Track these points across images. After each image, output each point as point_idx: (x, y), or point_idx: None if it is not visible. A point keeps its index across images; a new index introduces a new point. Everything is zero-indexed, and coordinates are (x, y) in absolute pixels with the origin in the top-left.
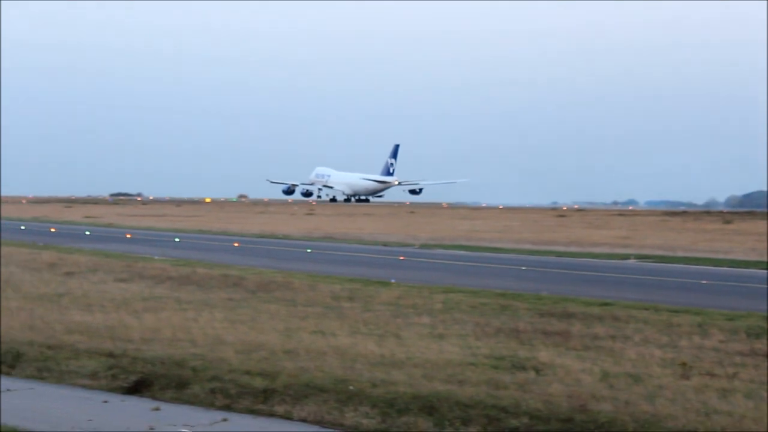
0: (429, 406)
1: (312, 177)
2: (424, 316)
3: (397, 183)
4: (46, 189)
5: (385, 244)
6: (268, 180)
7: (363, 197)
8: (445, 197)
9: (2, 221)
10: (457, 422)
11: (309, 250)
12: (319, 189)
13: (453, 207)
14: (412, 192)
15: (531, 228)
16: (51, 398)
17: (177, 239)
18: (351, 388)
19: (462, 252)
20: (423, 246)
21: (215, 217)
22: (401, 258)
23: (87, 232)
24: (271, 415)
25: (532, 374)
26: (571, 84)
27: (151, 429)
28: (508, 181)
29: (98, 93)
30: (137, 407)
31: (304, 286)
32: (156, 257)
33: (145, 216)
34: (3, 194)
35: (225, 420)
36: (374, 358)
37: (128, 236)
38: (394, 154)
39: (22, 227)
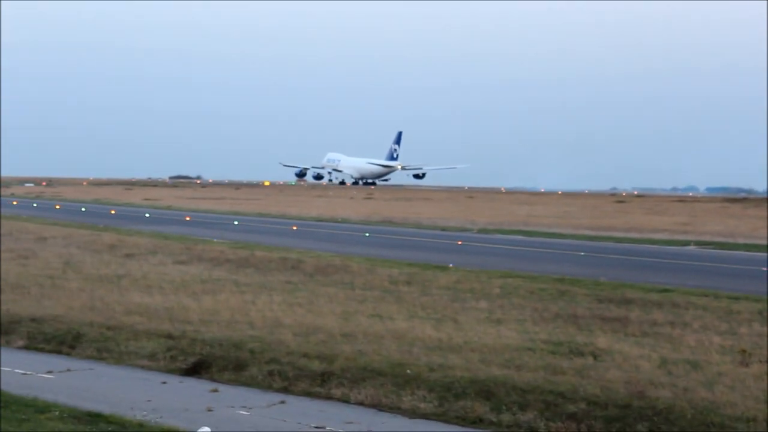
0: (486, 391)
1: (324, 162)
2: (481, 301)
3: (400, 167)
4: (106, 171)
5: (443, 229)
6: (280, 163)
7: (370, 180)
8: (504, 182)
9: (40, 201)
10: (514, 407)
11: (367, 234)
12: (329, 173)
13: (511, 192)
14: (416, 176)
15: (590, 214)
16: (110, 378)
17: (236, 222)
18: (408, 371)
19: (520, 237)
20: (481, 231)
21: (274, 201)
22: (459, 243)
23: (147, 215)
24: (329, 398)
25: (590, 360)
26: (631, 73)
27: (210, 410)
28: (566, 166)
29: (160, 74)
30: (195, 388)
31: (363, 269)
32: (215, 240)
33: (204, 199)
34: (64, 176)
35: (283, 402)
36: (432, 342)
37: (187, 219)
38: (398, 141)
39: (83, 209)
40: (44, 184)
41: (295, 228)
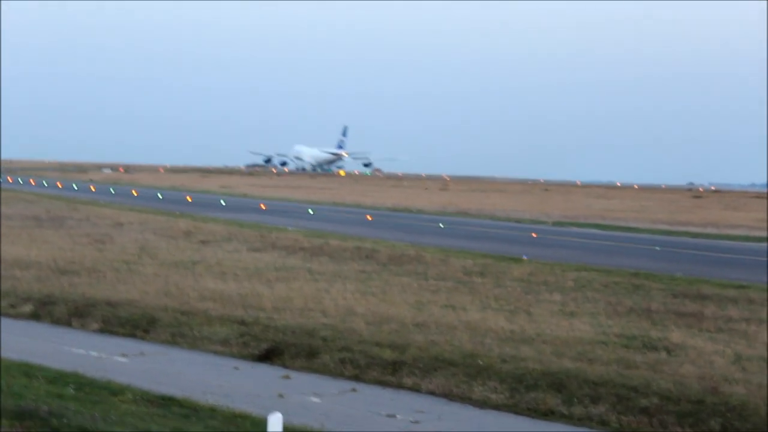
0: (558, 383)
1: (292, 151)
2: (555, 294)
3: (346, 155)
4: (182, 158)
5: (518, 221)
6: (249, 151)
7: (326, 167)
8: (579, 175)
9: (117, 187)
10: (586, 400)
11: (442, 225)
12: (291, 160)
13: (587, 186)
14: (365, 165)
15: (666, 208)
16: (183, 363)
17: (310, 211)
18: (480, 362)
19: (595, 231)
20: (556, 224)
21: (349, 190)
22: (534, 235)
23: (222, 202)
24: (400, 387)
25: (663, 355)
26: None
27: (281, 396)
28: (642, 159)
29: (234, 61)
30: (267, 375)
31: (436, 260)
32: (289, 228)
33: (279, 187)
34: (142, 162)
35: (354, 390)
36: (504, 333)
37: (262, 207)
38: (344, 134)
39: (159, 195)
40: (121, 170)
41: (369, 218)
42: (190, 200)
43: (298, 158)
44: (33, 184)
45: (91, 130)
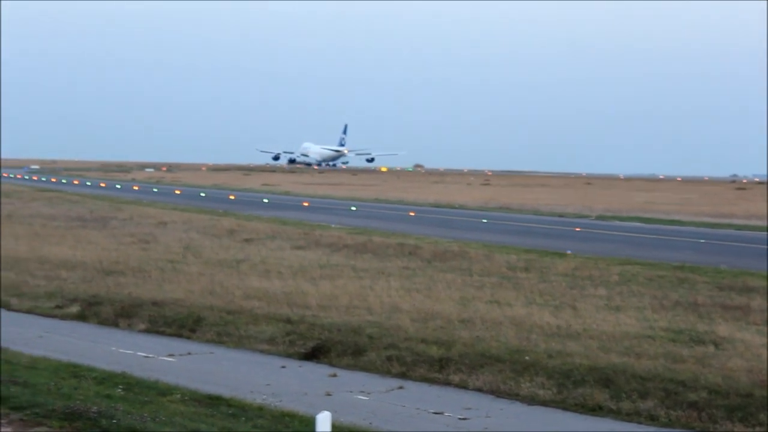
0: (605, 378)
1: (300, 149)
2: (600, 288)
3: (347, 152)
4: (224, 157)
5: (561, 215)
6: (258, 149)
7: (332, 163)
8: (622, 169)
9: (160, 187)
10: (634, 395)
11: (485, 220)
12: (299, 157)
13: (629, 179)
14: (368, 161)
15: (710, 201)
16: (230, 362)
17: (353, 208)
18: (527, 358)
19: (639, 224)
20: (599, 217)
21: (391, 186)
22: (577, 229)
23: (265, 200)
24: (447, 383)
25: (710, 348)
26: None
27: (328, 395)
28: (685, 151)
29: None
30: (314, 373)
31: (480, 255)
32: (333, 225)
33: (321, 184)
34: (184, 161)
35: (401, 388)
36: (550, 328)
37: (305, 204)
38: (345, 131)
39: (202, 194)
40: (164, 169)
41: (412, 214)
42: (233, 198)
43: (304, 155)
44: (76, 184)
45: (130, 130)
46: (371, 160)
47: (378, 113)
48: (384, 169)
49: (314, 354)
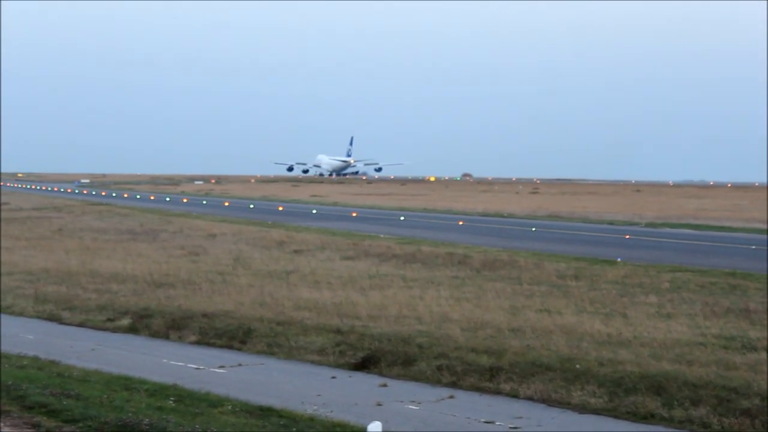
0: (657, 386)
1: (315, 160)
2: (651, 295)
3: (353, 162)
4: (271, 168)
5: (610, 223)
6: (274, 162)
7: (342, 173)
8: (672, 175)
9: (209, 199)
10: (686, 402)
11: (534, 229)
12: (312, 168)
13: (679, 185)
14: (376, 170)
15: (761, 206)
16: (281, 373)
17: (402, 218)
18: (577, 366)
19: (689, 231)
20: (649, 224)
21: (439, 196)
22: (627, 237)
23: (314, 211)
24: (497, 392)
25: (763, 355)
26: None
27: (379, 405)
28: (735, 157)
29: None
30: (365, 383)
31: (530, 264)
32: (381, 235)
33: (370, 194)
34: (232, 174)
35: (451, 397)
36: (600, 336)
37: (354, 215)
38: (351, 143)
39: (251, 206)
40: (213, 181)
41: (461, 223)
42: (282, 209)
43: (317, 166)
44: (126, 197)
45: (182, 143)
46: (379, 170)
47: (417, 125)
48: (432, 179)
49: (364, 364)
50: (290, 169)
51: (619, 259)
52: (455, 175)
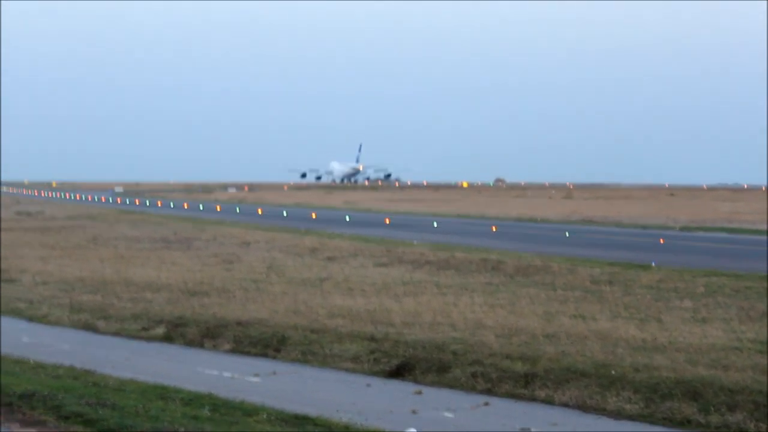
0: (693, 392)
1: (328, 167)
2: (686, 300)
3: (362, 168)
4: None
5: (644, 227)
6: (287, 169)
7: (353, 179)
8: (705, 179)
9: (242, 206)
10: (723, 408)
11: (567, 234)
12: (324, 174)
13: (713, 188)
14: (386, 176)
15: None
16: (315, 381)
17: (435, 224)
18: (613, 372)
19: (724, 234)
20: (683, 228)
21: (472, 201)
22: (661, 241)
23: (347, 218)
24: (532, 399)
25: None
26: None
27: (414, 412)
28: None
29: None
30: (399, 391)
31: (563, 269)
32: (415, 242)
33: (402, 201)
34: (266, 181)
35: (486, 404)
36: (635, 342)
37: (387, 221)
38: (360, 149)
39: (284, 213)
40: (246, 188)
41: (494, 229)
42: (314, 217)
43: (329, 172)
44: (160, 205)
45: (214, 151)
46: (388, 176)
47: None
48: (465, 184)
49: (399, 371)
50: (303, 175)
51: (653, 264)
52: (488, 181)
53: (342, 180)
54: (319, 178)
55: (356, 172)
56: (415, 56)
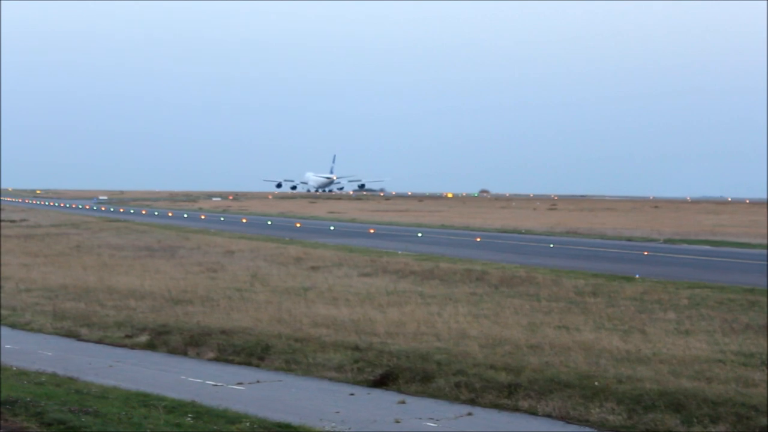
0: (676, 403)
1: (303, 177)
2: (669, 312)
3: (335, 178)
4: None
5: (629, 239)
6: (263, 179)
7: (328, 189)
8: (689, 191)
9: (226, 215)
10: (706, 420)
11: (551, 245)
12: (299, 184)
13: (697, 201)
14: (360, 186)
15: None
16: (299, 390)
17: (419, 234)
18: (596, 383)
19: (707, 247)
20: (667, 241)
21: (457, 212)
22: (645, 253)
23: (331, 227)
24: (516, 409)
25: None
26: None
27: (398, 422)
28: (753, 173)
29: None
30: (383, 400)
31: (548, 280)
32: (399, 252)
33: (387, 211)
34: (250, 190)
35: (470, 414)
36: (619, 353)
37: (371, 231)
38: (333, 161)
39: (269, 222)
40: (231, 198)
41: (478, 239)
42: (299, 226)
43: (304, 183)
44: (144, 214)
45: (198, 160)
46: (362, 186)
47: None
48: (449, 195)
49: (383, 381)
50: (279, 185)
51: (637, 276)
52: (473, 192)
53: (317, 189)
54: (294, 188)
55: (330, 182)
56: (401, 68)
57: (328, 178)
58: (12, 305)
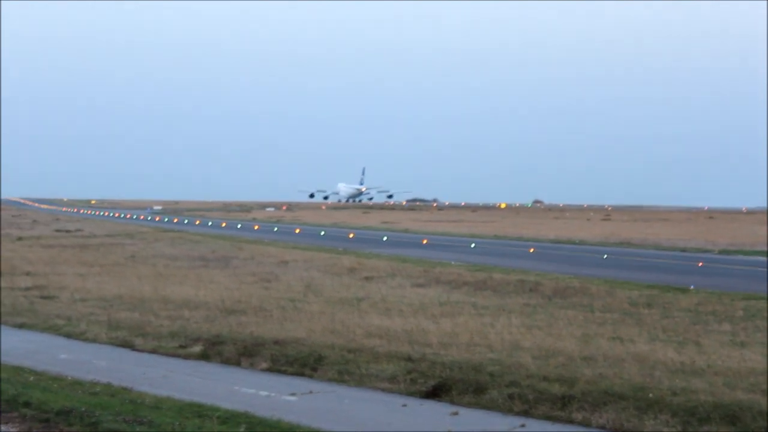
0: (731, 416)
1: (334, 188)
2: (724, 323)
3: (365, 189)
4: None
5: (683, 250)
6: (297, 189)
7: (358, 199)
8: (745, 201)
9: (280, 225)
10: None
11: (605, 256)
12: (331, 194)
13: (752, 212)
14: (388, 197)
15: None
16: (351, 401)
17: (473, 245)
18: (650, 395)
19: (763, 258)
20: (722, 252)
21: (510, 223)
22: (700, 264)
23: (384, 238)
24: (569, 421)
25: None
26: None
27: None
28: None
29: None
30: (436, 411)
31: (602, 291)
32: (452, 262)
33: (440, 222)
34: (302, 200)
35: (523, 426)
36: (673, 365)
37: (424, 242)
38: (363, 173)
39: (322, 232)
40: (284, 208)
41: (532, 250)
42: (352, 236)
43: (335, 193)
44: (198, 224)
45: (250, 170)
46: (390, 197)
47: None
48: (503, 206)
49: (435, 392)
50: (311, 195)
51: (692, 287)
52: (526, 202)
53: (347, 200)
54: (326, 198)
55: (360, 192)
56: (453, 78)
57: (358, 189)
58: (67, 315)
